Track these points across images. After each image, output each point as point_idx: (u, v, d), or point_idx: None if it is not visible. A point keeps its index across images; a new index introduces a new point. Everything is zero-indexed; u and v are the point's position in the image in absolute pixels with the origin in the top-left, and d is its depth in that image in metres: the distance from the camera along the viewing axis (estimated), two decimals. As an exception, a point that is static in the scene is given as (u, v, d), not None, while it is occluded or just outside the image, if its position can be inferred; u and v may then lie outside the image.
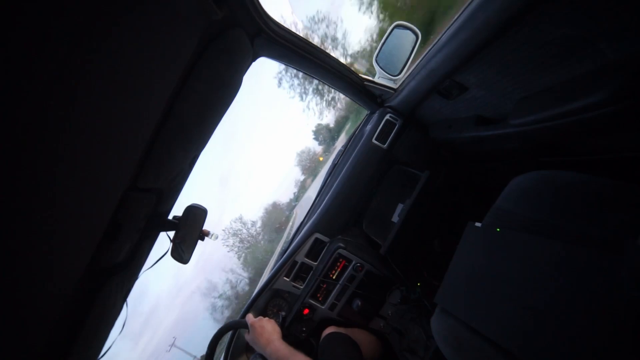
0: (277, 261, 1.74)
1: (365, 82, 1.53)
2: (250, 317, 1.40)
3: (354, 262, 1.57)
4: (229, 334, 1.53)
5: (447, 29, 0.96)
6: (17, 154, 0.42)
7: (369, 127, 1.69)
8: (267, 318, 1.40)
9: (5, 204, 0.44)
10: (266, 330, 1.32)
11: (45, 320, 0.62)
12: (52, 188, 0.51)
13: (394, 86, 1.55)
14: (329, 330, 1.48)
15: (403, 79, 1.46)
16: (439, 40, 1.02)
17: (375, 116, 1.67)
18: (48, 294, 0.60)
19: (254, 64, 1.11)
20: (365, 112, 1.83)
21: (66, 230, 0.58)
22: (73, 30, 0.43)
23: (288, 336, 1.46)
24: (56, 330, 0.65)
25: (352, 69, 1.43)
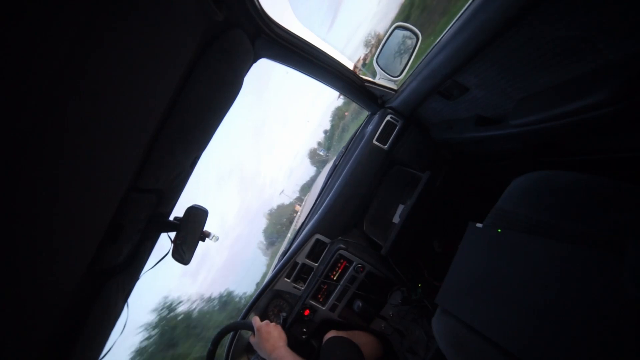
0: (278, 262, 1.74)
1: (365, 83, 1.54)
2: (257, 321, 1.39)
3: (354, 263, 1.57)
4: (231, 333, 1.54)
5: (448, 29, 0.96)
6: (19, 154, 0.42)
7: (369, 128, 1.69)
8: (273, 324, 1.40)
9: (6, 205, 0.44)
10: (272, 336, 1.33)
11: (46, 320, 0.62)
12: (53, 189, 0.51)
13: (395, 87, 1.55)
14: (330, 334, 1.48)
15: (404, 80, 1.46)
16: (439, 40, 1.02)
17: (376, 117, 1.67)
18: (49, 295, 0.60)
19: (255, 65, 1.12)
20: (366, 114, 1.83)
21: (67, 231, 0.58)
22: (74, 32, 0.43)
23: (289, 337, 1.46)
24: (57, 331, 0.65)
25: (353, 69, 1.44)
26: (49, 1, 0.39)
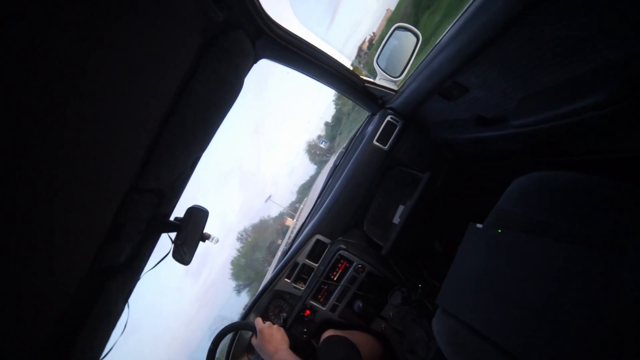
0: (278, 262, 1.74)
1: (366, 84, 1.54)
2: (259, 322, 1.39)
3: (355, 264, 1.57)
4: (231, 333, 1.54)
5: (448, 30, 0.96)
6: (20, 155, 0.43)
7: (370, 128, 1.69)
8: (276, 326, 1.40)
9: (7, 205, 0.44)
10: (275, 339, 1.33)
11: (47, 320, 0.62)
12: (54, 189, 0.51)
13: (395, 87, 1.55)
14: (328, 333, 1.48)
15: (404, 81, 1.46)
16: (440, 41, 1.02)
17: (377, 118, 1.67)
18: (50, 294, 0.61)
19: (255, 65, 1.12)
20: (366, 114, 1.83)
21: (68, 231, 0.58)
22: (74, 32, 0.43)
23: (289, 337, 1.47)
24: (58, 331, 0.65)
25: (353, 70, 1.44)
26: (49, 1, 0.39)
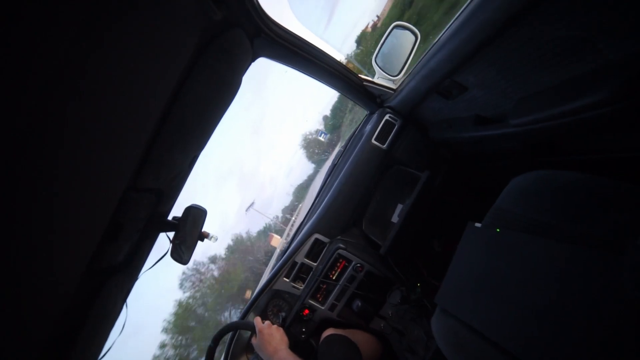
0: (277, 262, 1.74)
1: (364, 83, 1.54)
2: (259, 322, 1.39)
3: (353, 263, 1.57)
4: (230, 332, 1.54)
5: (447, 28, 0.96)
6: (18, 154, 0.42)
7: (368, 127, 1.69)
8: (275, 326, 1.40)
9: (5, 204, 0.43)
10: (275, 339, 1.33)
11: (46, 320, 0.62)
12: (52, 188, 0.51)
13: (394, 86, 1.55)
14: (328, 332, 1.48)
15: (402, 79, 1.46)
16: (438, 40, 1.02)
17: (375, 116, 1.67)
18: (49, 294, 0.60)
19: (253, 64, 1.12)
20: (364, 113, 1.83)
21: (66, 230, 0.58)
22: (72, 31, 0.43)
23: (288, 337, 1.47)
24: (57, 330, 0.65)
25: (351, 69, 1.43)
26: (49, 1, 0.38)
